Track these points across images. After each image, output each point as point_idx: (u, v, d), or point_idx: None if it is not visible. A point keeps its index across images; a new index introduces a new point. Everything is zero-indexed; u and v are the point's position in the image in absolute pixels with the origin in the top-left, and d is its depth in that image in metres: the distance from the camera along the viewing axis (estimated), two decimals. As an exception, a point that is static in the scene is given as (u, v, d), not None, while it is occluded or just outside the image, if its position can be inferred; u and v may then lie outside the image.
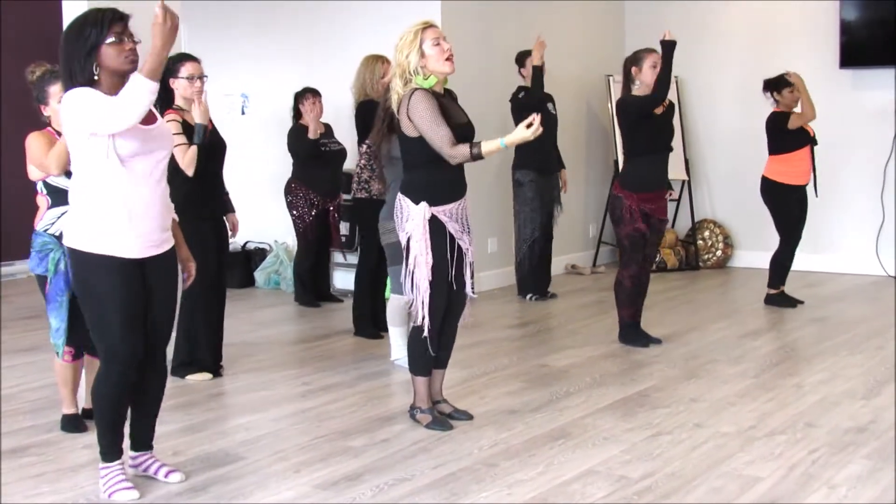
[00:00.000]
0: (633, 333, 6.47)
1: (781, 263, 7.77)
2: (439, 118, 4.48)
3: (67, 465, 4.29)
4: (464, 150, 4.47)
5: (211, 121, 5.63)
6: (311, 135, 7.80)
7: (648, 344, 6.41)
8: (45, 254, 4.57)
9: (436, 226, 4.60)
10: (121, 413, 3.92)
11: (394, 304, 5.87)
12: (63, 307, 4.58)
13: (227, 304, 5.88)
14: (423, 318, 4.64)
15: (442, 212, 4.61)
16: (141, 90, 3.51)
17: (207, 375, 5.71)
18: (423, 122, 4.49)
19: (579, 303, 8.15)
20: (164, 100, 5.13)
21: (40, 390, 5.51)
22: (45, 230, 4.56)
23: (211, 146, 5.50)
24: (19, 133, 4.66)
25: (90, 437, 4.63)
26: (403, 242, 4.68)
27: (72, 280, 3.92)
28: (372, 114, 6.54)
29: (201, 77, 5.47)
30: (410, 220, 4.61)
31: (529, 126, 4.45)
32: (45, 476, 4.15)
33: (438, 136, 4.48)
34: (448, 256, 4.63)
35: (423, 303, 4.62)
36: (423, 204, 4.58)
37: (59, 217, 4.49)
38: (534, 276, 8.26)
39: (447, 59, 4.56)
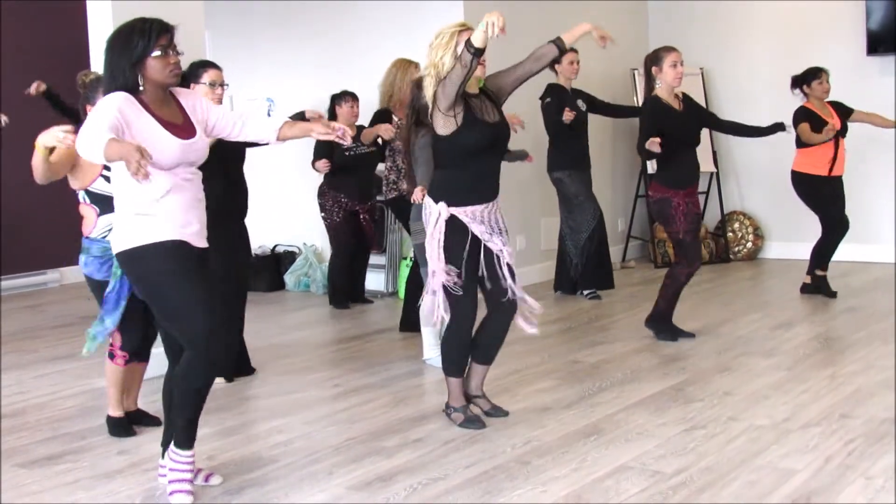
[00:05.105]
0: (664, 325, 6.45)
1: (821, 252, 7.72)
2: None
3: (102, 471, 4.32)
4: (463, 55, 4.40)
5: None
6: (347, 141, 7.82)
7: (677, 338, 6.39)
8: (106, 259, 4.56)
9: (456, 225, 4.60)
10: (202, 402, 3.88)
11: (427, 306, 5.84)
12: (119, 310, 4.57)
13: (257, 307, 5.90)
14: (440, 318, 4.68)
15: (463, 212, 4.60)
16: (94, 148, 3.41)
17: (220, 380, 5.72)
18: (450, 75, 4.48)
19: (610, 298, 8.11)
20: None
21: (74, 398, 5.55)
22: (103, 236, 4.56)
23: (230, 150, 5.52)
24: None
25: (126, 443, 4.67)
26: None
27: (134, 286, 3.91)
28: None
29: (222, 85, 5.45)
30: (432, 220, 4.64)
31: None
32: (81, 483, 4.18)
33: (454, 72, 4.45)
34: (467, 256, 4.61)
35: (437, 304, 4.64)
36: (441, 204, 4.60)
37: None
38: (591, 271, 8.13)
39: (479, 65, 4.58)
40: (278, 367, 6.07)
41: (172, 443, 3.92)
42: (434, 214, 4.62)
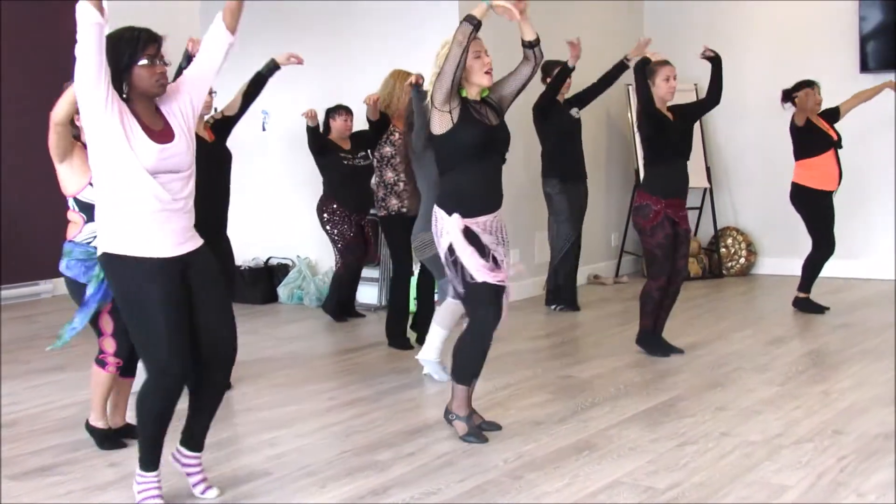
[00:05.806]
0: (654, 342, 6.45)
1: (815, 267, 7.76)
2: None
3: (95, 483, 4.30)
4: (461, 27, 4.47)
5: (211, 131, 5.68)
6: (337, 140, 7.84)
7: (669, 354, 6.39)
8: (91, 263, 4.52)
9: (469, 237, 4.59)
10: (164, 427, 3.88)
11: (447, 307, 5.82)
12: (89, 311, 4.53)
13: (250, 320, 5.88)
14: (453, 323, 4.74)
15: (475, 223, 4.60)
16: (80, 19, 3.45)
17: None
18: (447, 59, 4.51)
19: (602, 313, 8.12)
20: None
21: (67, 409, 5.53)
22: (87, 242, 4.53)
23: (215, 159, 5.51)
24: (45, 156, 4.65)
25: (117, 455, 4.66)
26: (443, 256, 4.66)
27: (112, 292, 3.89)
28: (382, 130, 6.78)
29: (210, 92, 5.44)
30: (445, 234, 4.60)
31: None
32: (73, 495, 4.17)
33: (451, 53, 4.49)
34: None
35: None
36: (456, 216, 4.57)
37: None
38: (562, 287, 8.22)
39: (486, 73, 4.59)
40: (271, 380, 6.06)
41: (138, 465, 3.91)
42: (451, 227, 4.58)
